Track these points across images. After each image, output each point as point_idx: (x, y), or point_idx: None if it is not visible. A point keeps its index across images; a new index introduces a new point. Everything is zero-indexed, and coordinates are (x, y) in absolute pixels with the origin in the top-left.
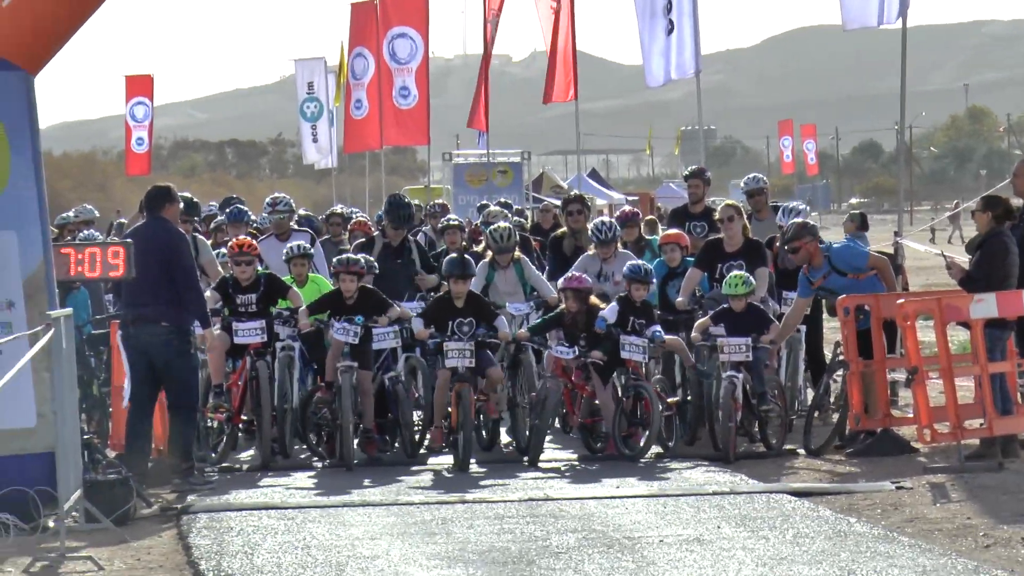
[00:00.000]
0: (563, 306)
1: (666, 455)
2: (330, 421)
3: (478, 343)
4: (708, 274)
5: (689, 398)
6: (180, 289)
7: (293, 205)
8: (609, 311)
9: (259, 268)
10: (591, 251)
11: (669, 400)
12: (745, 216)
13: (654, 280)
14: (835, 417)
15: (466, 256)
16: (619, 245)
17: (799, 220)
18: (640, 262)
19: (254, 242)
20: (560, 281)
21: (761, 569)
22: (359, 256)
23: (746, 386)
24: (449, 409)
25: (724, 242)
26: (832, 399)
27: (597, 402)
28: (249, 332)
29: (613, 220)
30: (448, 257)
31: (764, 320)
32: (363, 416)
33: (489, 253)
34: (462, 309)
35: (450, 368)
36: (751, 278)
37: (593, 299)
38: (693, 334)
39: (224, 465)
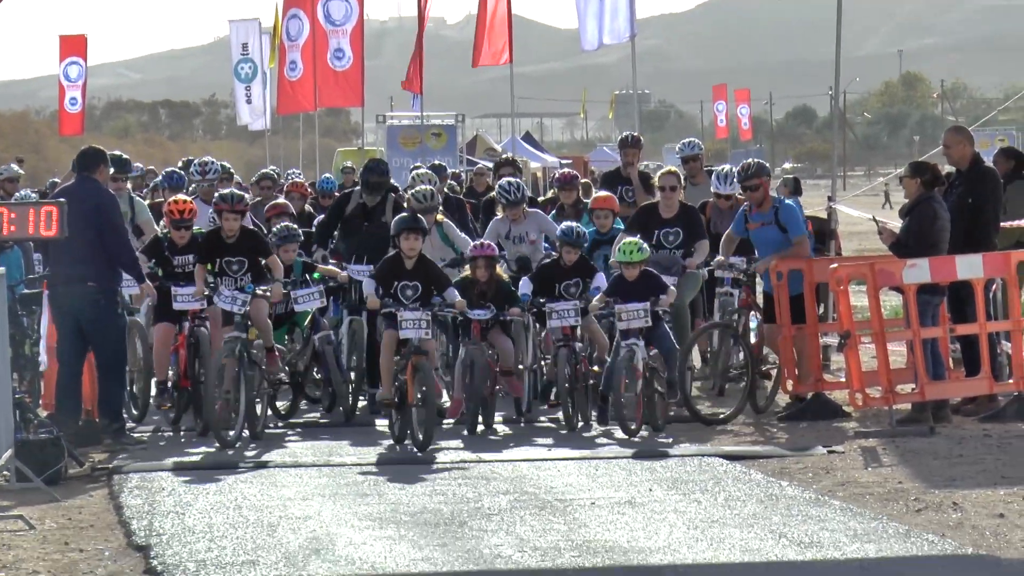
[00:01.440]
0: (466, 272)
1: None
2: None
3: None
4: (644, 239)
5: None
6: (110, 248)
7: (225, 169)
8: (524, 284)
9: (194, 227)
10: (499, 213)
11: (595, 368)
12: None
13: (587, 243)
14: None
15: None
16: (527, 206)
17: (759, 161)
18: (573, 224)
19: (194, 205)
20: (468, 249)
21: (693, 532)
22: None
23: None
24: (402, 377)
25: (660, 207)
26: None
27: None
28: (187, 298)
29: (520, 181)
30: (398, 216)
31: (659, 286)
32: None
33: None
34: (411, 271)
35: (404, 338)
36: (646, 246)
37: (498, 269)
38: (592, 302)
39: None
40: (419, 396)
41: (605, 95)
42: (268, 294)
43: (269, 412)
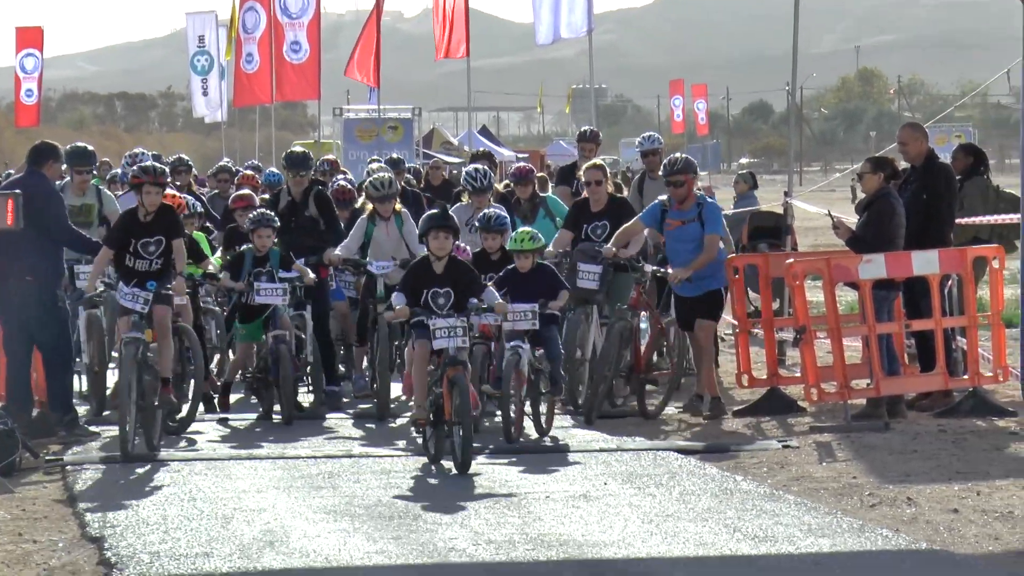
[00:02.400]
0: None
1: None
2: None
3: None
4: (575, 236)
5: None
6: (58, 240)
7: (183, 161)
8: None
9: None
10: (464, 200)
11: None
12: (640, 175)
13: (508, 226)
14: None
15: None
16: (491, 196)
17: (686, 156)
18: (492, 210)
19: (181, 199)
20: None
21: (647, 526)
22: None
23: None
24: (437, 391)
25: (590, 202)
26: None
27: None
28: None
29: (487, 168)
30: (426, 213)
31: (553, 284)
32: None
33: (369, 207)
34: (441, 276)
35: (437, 349)
36: (539, 235)
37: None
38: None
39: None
40: (456, 412)
41: (562, 89)
42: (170, 291)
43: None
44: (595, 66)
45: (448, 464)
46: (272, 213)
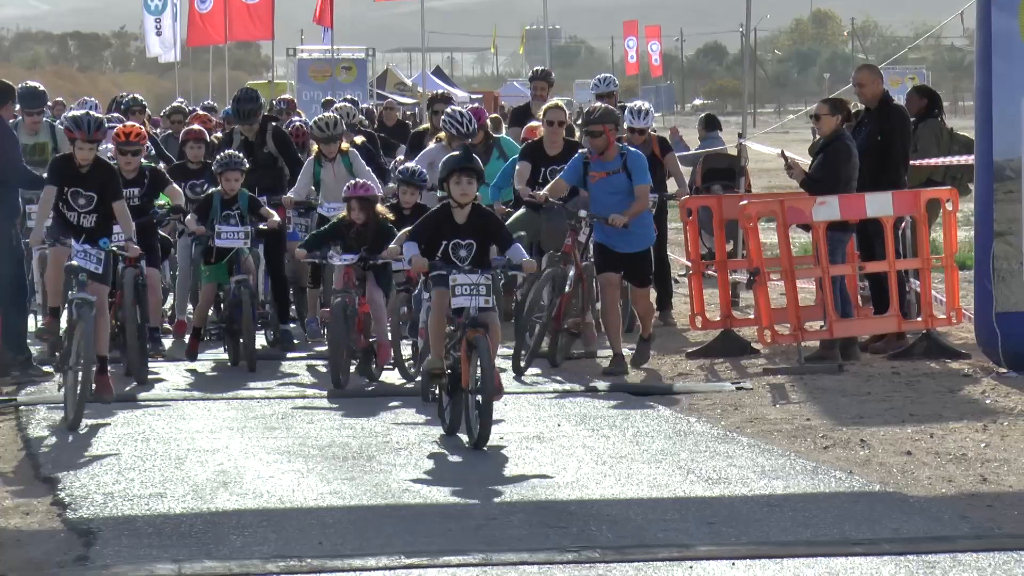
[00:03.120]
0: (341, 214)
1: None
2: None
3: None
4: (532, 179)
5: None
6: (9, 179)
7: (137, 101)
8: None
9: (143, 160)
10: (442, 140)
11: None
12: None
13: (426, 181)
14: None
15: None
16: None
17: (605, 106)
18: (416, 165)
19: (143, 129)
20: (344, 188)
21: (601, 467)
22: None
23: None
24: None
25: (545, 143)
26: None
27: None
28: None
29: (471, 113)
30: (448, 155)
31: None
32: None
33: (315, 148)
34: (463, 226)
35: (457, 309)
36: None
37: (380, 208)
38: (392, 245)
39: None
40: (476, 379)
41: (516, 30)
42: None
43: None
44: (548, 7)
45: (387, 404)
46: (241, 156)
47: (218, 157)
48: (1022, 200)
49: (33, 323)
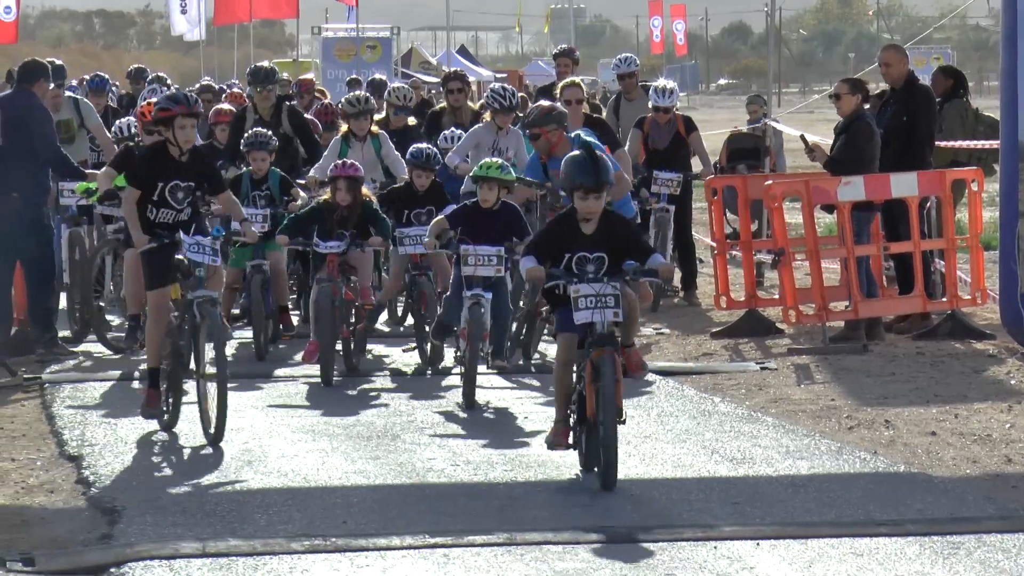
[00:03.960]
0: (324, 197)
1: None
2: None
3: None
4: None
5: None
6: (46, 161)
7: (162, 80)
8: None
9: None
10: (486, 119)
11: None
12: (615, 97)
13: (438, 164)
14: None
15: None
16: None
17: (545, 104)
18: (425, 145)
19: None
20: (329, 168)
21: (626, 447)
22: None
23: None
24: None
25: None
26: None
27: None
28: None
29: (513, 87)
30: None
31: (517, 226)
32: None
33: (344, 127)
34: (592, 237)
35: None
36: (510, 167)
37: (365, 190)
38: (426, 239)
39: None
40: (599, 406)
41: (541, 9)
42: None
43: None
44: None
45: (414, 383)
46: (268, 133)
47: (245, 136)
48: None
49: (63, 303)
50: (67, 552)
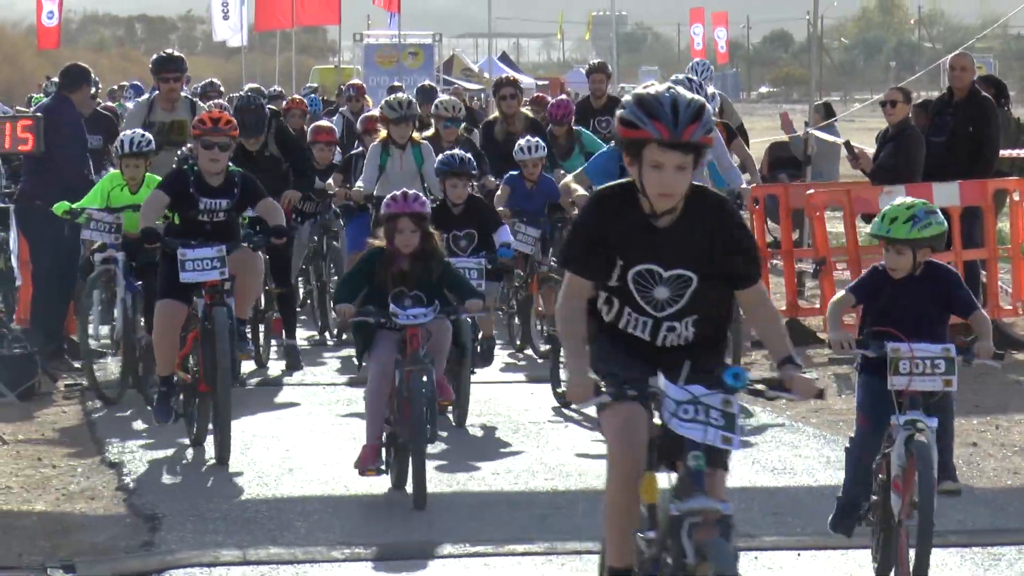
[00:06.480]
0: (377, 243)
1: None
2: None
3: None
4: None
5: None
6: (68, 172)
7: (215, 86)
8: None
9: (229, 164)
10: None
11: None
12: None
13: (475, 171)
14: None
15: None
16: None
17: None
18: (457, 152)
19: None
20: (385, 201)
21: None
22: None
23: None
24: None
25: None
26: None
27: None
28: (201, 265)
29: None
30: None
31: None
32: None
33: (383, 133)
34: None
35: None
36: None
37: (436, 233)
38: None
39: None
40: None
41: (582, 16)
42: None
43: None
44: None
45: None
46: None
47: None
48: None
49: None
50: (108, 559)
